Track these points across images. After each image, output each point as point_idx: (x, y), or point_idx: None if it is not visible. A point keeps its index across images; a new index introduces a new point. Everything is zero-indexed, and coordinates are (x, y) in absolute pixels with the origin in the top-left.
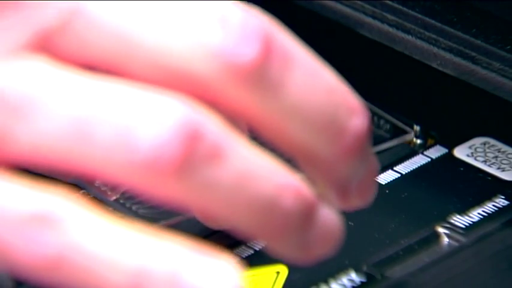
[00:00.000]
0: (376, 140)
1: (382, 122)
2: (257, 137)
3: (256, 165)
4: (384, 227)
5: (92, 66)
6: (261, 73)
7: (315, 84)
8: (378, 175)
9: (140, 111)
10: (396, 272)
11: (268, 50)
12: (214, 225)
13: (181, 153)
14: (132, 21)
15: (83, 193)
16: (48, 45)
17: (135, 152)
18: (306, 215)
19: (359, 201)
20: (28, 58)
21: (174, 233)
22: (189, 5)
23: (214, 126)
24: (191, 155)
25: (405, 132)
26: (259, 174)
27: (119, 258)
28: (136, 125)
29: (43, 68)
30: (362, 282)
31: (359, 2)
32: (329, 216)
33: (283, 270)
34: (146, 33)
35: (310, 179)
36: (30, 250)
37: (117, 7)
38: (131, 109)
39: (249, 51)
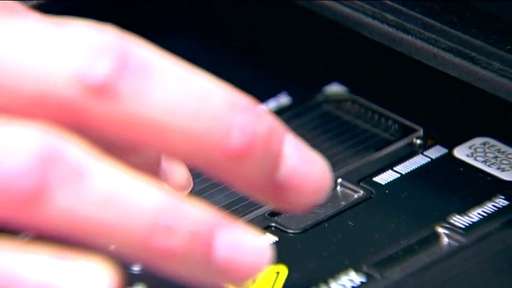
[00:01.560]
0: (383, 141)
1: (390, 122)
2: None
3: (125, 185)
4: (384, 227)
5: None
6: (117, 86)
7: (184, 91)
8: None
9: None
10: (396, 272)
11: (122, 64)
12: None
13: (38, 177)
14: None
15: None
16: None
17: None
18: (194, 238)
19: (298, 199)
20: None
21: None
22: (42, 31)
23: (74, 150)
24: (49, 178)
25: (414, 131)
26: (129, 194)
27: None
28: None
29: None
30: (362, 282)
31: (359, 2)
32: (238, 238)
33: (283, 270)
34: (1, 60)
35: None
36: None
37: None
38: None
39: (101, 69)
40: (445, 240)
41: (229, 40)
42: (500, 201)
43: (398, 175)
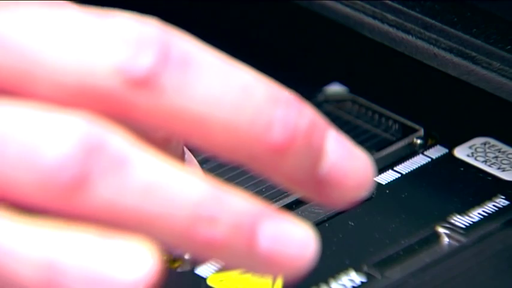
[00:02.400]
0: (383, 141)
1: (390, 122)
2: None
3: (167, 175)
4: (384, 227)
5: None
6: (159, 79)
7: (226, 84)
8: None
9: (43, 130)
10: (396, 272)
11: (165, 57)
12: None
13: (81, 166)
14: (32, 40)
15: None
16: None
17: (37, 170)
18: (236, 228)
19: (341, 194)
20: None
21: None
22: (84, 22)
23: (117, 139)
24: (91, 168)
25: (415, 130)
26: (172, 184)
27: (24, 251)
28: (40, 144)
29: None
30: (362, 282)
31: (359, 2)
32: (282, 229)
33: None
34: (46, 52)
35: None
36: None
37: (17, 25)
38: (35, 129)
39: (144, 61)
40: (446, 240)
41: (229, 40)
42: (501, 201)
43: (399, 175)
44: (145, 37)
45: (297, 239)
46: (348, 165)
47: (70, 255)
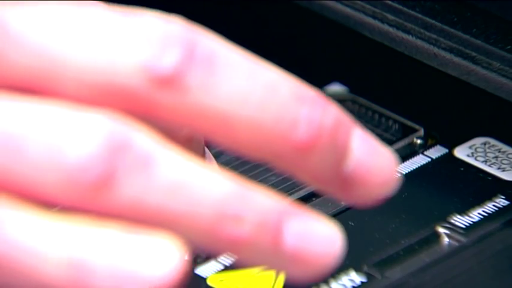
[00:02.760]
0: (383, 141)
1: (390, 122)
2: None
3: (192, 173)
4: (384, 227)
5: (16, 87)
6: (184, 78)
7: (251, 82)
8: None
9: (68, 129)
10: (396, 272)
11: (190, 56)
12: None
13: (106, 165)
14: (56, 39)
15: None
16: None
17: (62, 169)
18: (262, 226)
19: (366, 192)
20: None
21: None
22: (109, 20)
23: (142, 138)
24: (117, 166)
25: (415, 130)
26: (197, 183)
27: (50, 250)
28: (65, 143)
29: None
30: (362, 282)
31: (359, 2)
32: (308, 227)
33: None
34: (70, 51)
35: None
36: None
37: (41, 24)
38: (59, 128)
39: (169, 60)
40: (446, 240)
41: (228, 40)
42: (501, 201)
43: (399, 175)
44: (170, 35)
45: (322, 236)
46: (373, 162)
47: (97, 252)
